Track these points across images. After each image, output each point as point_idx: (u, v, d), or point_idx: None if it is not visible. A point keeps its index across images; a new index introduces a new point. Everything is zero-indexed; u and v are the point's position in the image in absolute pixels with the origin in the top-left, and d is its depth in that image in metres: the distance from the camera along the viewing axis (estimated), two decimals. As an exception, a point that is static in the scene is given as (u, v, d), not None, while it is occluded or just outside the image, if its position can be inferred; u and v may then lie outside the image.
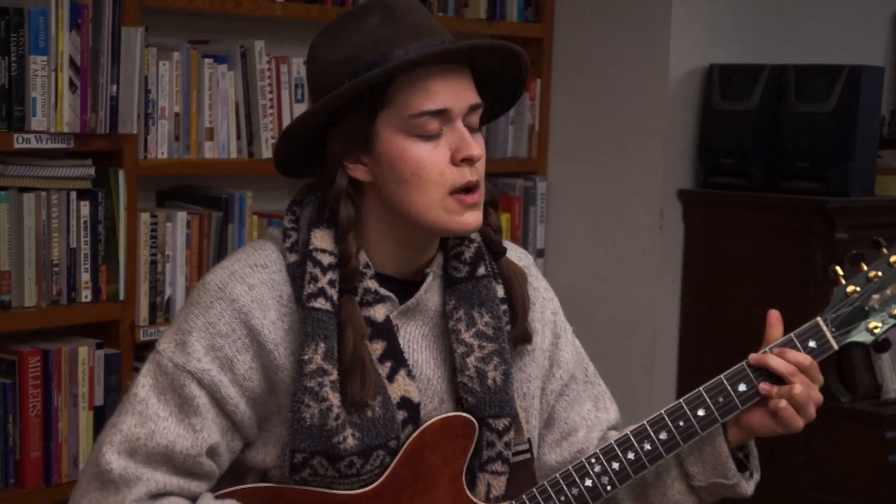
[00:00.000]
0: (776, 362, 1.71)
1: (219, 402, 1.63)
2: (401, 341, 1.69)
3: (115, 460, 1.60)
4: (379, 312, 1.67)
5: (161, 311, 2.85)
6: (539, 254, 3.68)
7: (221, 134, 2.98)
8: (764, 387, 1.71)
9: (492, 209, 1.75)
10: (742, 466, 1.77)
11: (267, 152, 3.04)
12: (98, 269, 2.72)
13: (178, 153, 2.90)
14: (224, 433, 1.64)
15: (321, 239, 1.65)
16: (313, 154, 1.69)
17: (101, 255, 2.73)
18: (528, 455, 1.75)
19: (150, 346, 2.82)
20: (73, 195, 2.67)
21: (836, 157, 3.29)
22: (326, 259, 1.64)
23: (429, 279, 1.71)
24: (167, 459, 1.61)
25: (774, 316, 1.76)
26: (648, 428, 1.72)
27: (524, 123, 3.67)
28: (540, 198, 3.68)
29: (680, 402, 1.72)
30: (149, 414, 1.62)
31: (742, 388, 1.72)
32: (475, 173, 1.64)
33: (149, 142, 2.83)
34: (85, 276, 2.70)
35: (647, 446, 1.71)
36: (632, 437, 1.72)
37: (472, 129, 1.65)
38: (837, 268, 1.76)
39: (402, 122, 1.62)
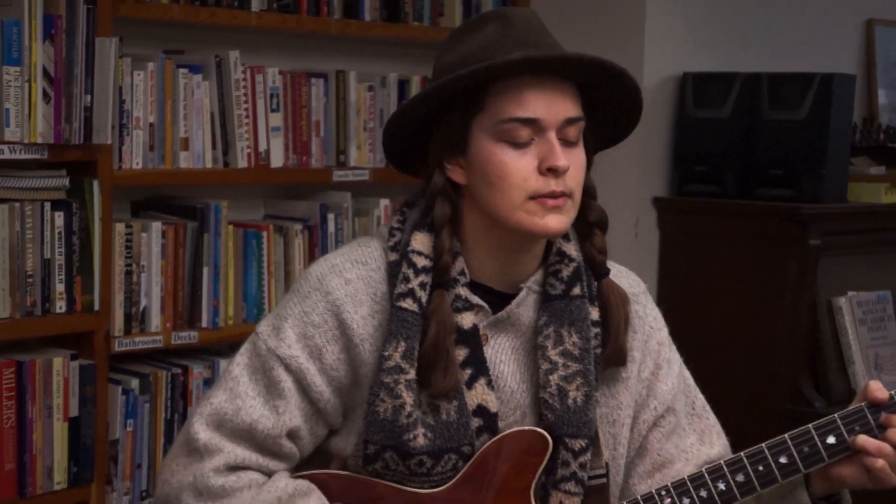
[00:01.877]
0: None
1: (304, 388, 1.69)
2: (489, 351, 1.71)
3: (202, 430, 1.68)
4: (467, 320, 1.69)
5: (136, 321, 2.84)
6: (515, 262, 3.68)
7: (196, 144, 2.97)
8: (857, 442, 1.66)
9: (598, 230, 1.76)
10: None
11: (242, 162, 3.04)
12: (73, 279, 2.71)
13: (153, 163, 2.89)
14: (307, 419, 1.70)
15: (420, 241, 1.70)
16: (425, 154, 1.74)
17: (76, 265, 2.72)
18: (604, 480, 1.74)
19: (125, 356, 2.85)
20: (48, 206, 2.67)
21: (808, 165, 3.31)
22: (421, 261, 1.68)
23: (522, 293, 1.73)
24: (249, 436, 1.68)
25: (876, 384, 1.69)
26: (725, 468, 1.69)
27: (499, 132, 3.67)
28: (515, 206, 3.68)
29: (761, 446, 1.69)
30: (238, 391, 1.69)
31: (831, 440, 1.67)
32: (561, 184, 1.65)
33: (123, 152, 2.82)
34: (59, 287, 2.69)
35: (722, 486, 1.68)
36: (706, 475, 1.69)
37: (567, 142, 1.66)
38: None
39: (492, 126, 1.65)
